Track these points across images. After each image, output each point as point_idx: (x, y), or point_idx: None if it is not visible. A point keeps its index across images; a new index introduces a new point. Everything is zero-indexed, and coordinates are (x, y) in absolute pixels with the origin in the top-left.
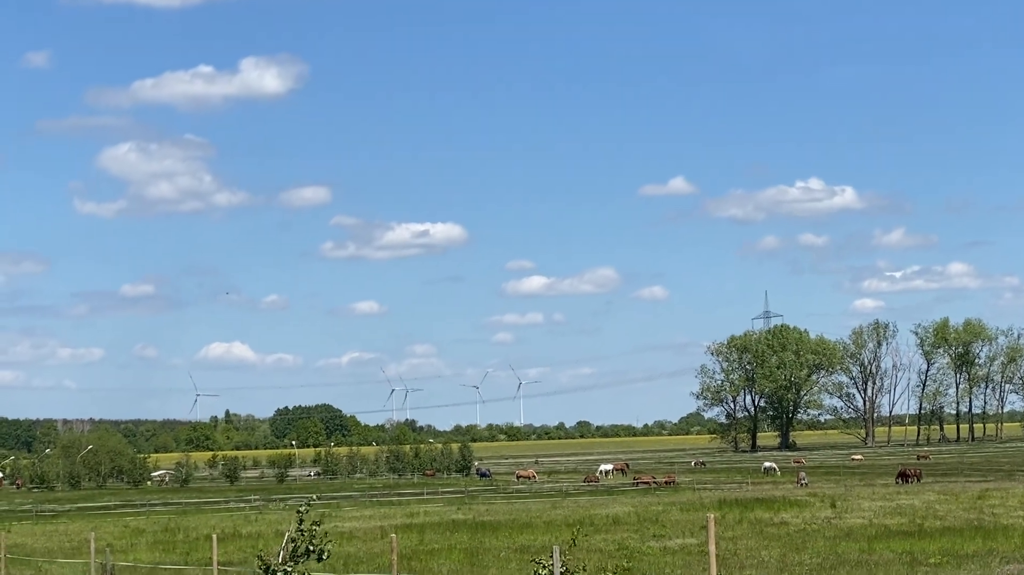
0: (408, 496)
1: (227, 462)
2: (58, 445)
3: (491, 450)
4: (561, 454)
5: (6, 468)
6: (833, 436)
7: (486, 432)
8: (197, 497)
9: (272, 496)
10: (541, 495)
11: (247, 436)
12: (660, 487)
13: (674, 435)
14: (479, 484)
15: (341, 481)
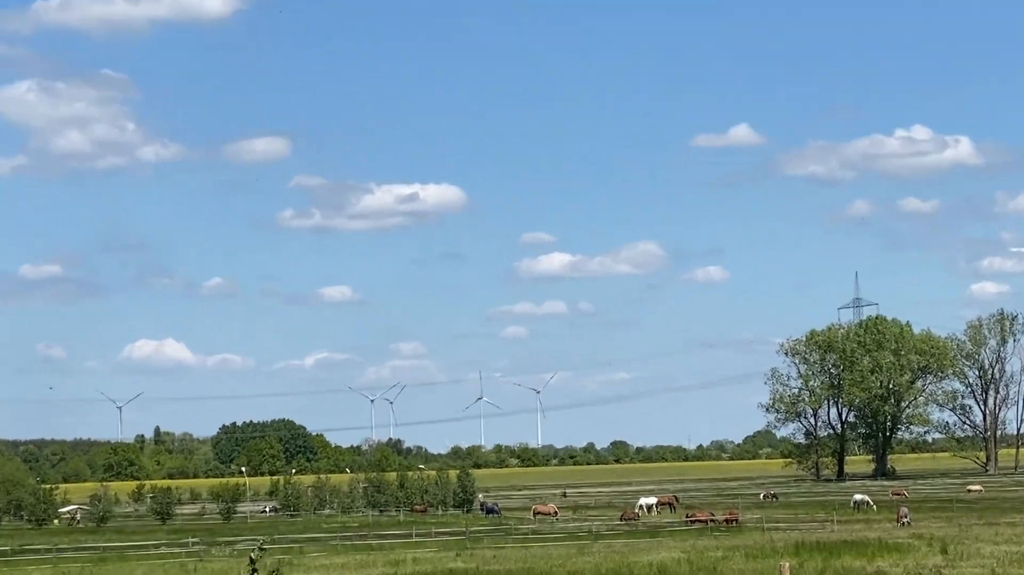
0: (393, 538)
1: (158, 494)
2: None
3: (500, 479)
4: (590, 484)
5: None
6: (944, 461)
7: (493, 456)
8: (119, 540)
9: (216, 539)
10: (565, 537)
11: (183, 461)
12: (719, 527)
13: (737, 460)
14: (484, 523)
15: (305, 519)
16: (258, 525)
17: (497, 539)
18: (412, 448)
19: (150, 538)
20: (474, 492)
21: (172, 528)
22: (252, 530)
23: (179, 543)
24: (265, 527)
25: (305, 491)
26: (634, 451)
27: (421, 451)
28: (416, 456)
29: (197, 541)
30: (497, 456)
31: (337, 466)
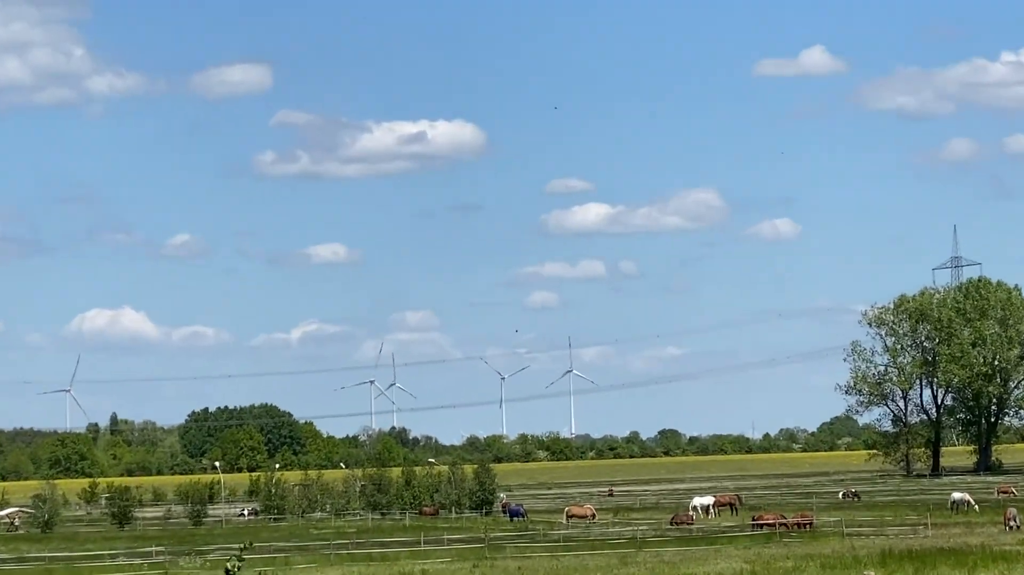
0: (397, 547)
1: (114, 494)
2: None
3: (525, 475)
4: (634, 482)
5: None
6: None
7: (517, 447)
8: (68, 549)
9: (183, 548)
10: (604, 544)
11: (145, 455)
12: (790, 531)
13: (811, 452)
14: (508, 528)
15: (292, 524)
16: (235, 531)
17: (522, 547)
18: (420, 439)
19: (105, 547)
20: (495, 491)
21: (132, 535)
22: (228, 537)
23: (140, 553)
24: (244, 533)
25: (291, 490)
26: (687, 441)
27: (431, 442)
28: (425, 448)
29: (162, 550)
30: (522, 448)
31: (330, 460)
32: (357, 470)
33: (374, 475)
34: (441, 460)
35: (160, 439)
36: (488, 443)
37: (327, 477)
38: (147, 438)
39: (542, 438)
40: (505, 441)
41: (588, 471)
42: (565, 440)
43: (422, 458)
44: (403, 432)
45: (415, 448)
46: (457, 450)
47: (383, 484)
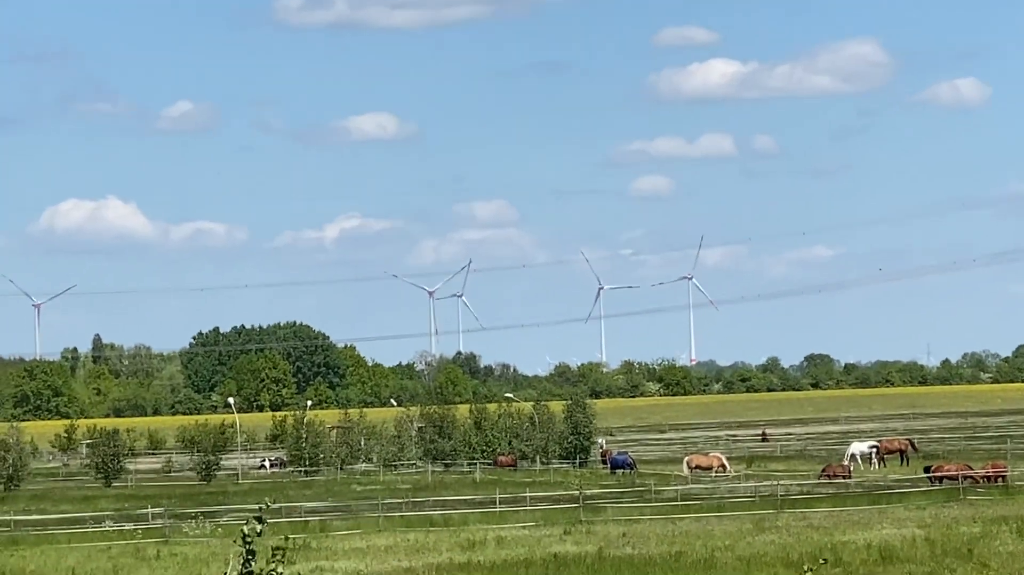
0: (464, 507)
1: (99, 440)
2: None
3: (632, 414)
4: (773, 422)
5: None
6: None
7: (621, 378)
8: (38, 510)
9: (190, 509)
10: (735, 504)
11: (137, 389)
12: (977, 486)
13: (1004, 383)
14: (610, 483)
15: (328, 478)
16: (254, 488)
17: (627, 508)
18: (494, 368)
19: (88, 508)
20: (592, 435)
21: (122, 492)
22: (245, 495)
23: (133, 516)
24: (265, 490)
25: (327, 434)
26: (841, 370)
27: (508, 372)
28: (501, 380)
29: (161, 512)
30: (627, 379)
31: (377, 396)
32: (412, 408)
33: (434, 415)
34: (521, 395)
35: (157, 369)
36: (583, 373)
37: (373, 417)
38: (140, 367)
39: (652, 366)
40: (605, 370)
41: (712, 409)
42: (682, 369)
43: (497, 393)
44: (472, 359)
45: (487, 380)
46: (542, 382)
47: (446, 426)
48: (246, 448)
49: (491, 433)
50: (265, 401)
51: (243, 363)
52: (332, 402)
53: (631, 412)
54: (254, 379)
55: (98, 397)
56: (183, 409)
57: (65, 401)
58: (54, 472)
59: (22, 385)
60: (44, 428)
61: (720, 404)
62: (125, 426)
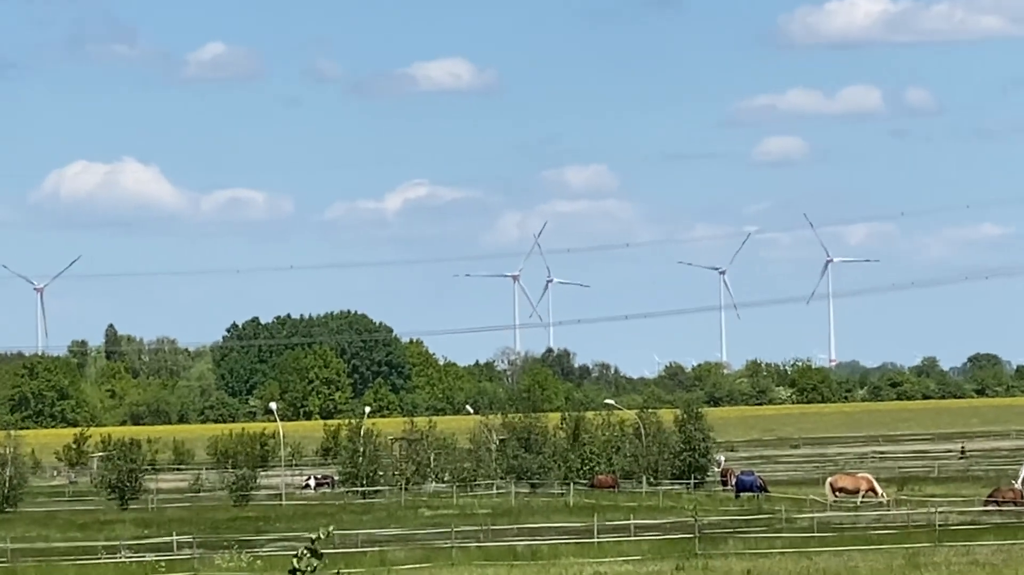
0: (556, 536)
1: (113, 452)
2: None
3: (758, 424)
4: (928, 436)
5: None
6: None
7: (745, 382)
8: (40, 538)
9: (223, 537)
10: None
11: (160, 391)
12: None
13: None
14: (733, 508)
15: (390, 500)
16: (301, 511)
17: (754, 539)
18: (591, 367)
19: (100, 534)
20: (710, 450)
21: (140, 516)
22: (290, 520)
23: (153, 544)
24: (314, 515)
25: (390, 447)
26: (1012, 374)
27: (608, 373)
28: (599, 383)
29: (188, 541)
30: (753, 383)
31: (450, 401)
32: (493, 416)
33: (519, 424)
34: (624, 401)
35: (184, 367)
36: (699, 375)
37: (445, 427)
38: (163, 365)
39: (784, 367)
40: (726, 372)
41: (856, 420)
42: (820, 371)
43: (594, 399)
44: (564, 357)
45: (583, 382)
46: (650, 385)
47: (533, 439)
48: (290, 463)
49: (588, 447)
50: (314, 407)
51: (287, 361)
52: (395, 409)
53: (757, 423)
54: (301, 380)
55: (112, 401)
56: (215, 416)
57: (73, 405)
58: (59, 491)
59: (21, 385)
60: (47, 438)
61: (865, 414)
62: (145, 436)
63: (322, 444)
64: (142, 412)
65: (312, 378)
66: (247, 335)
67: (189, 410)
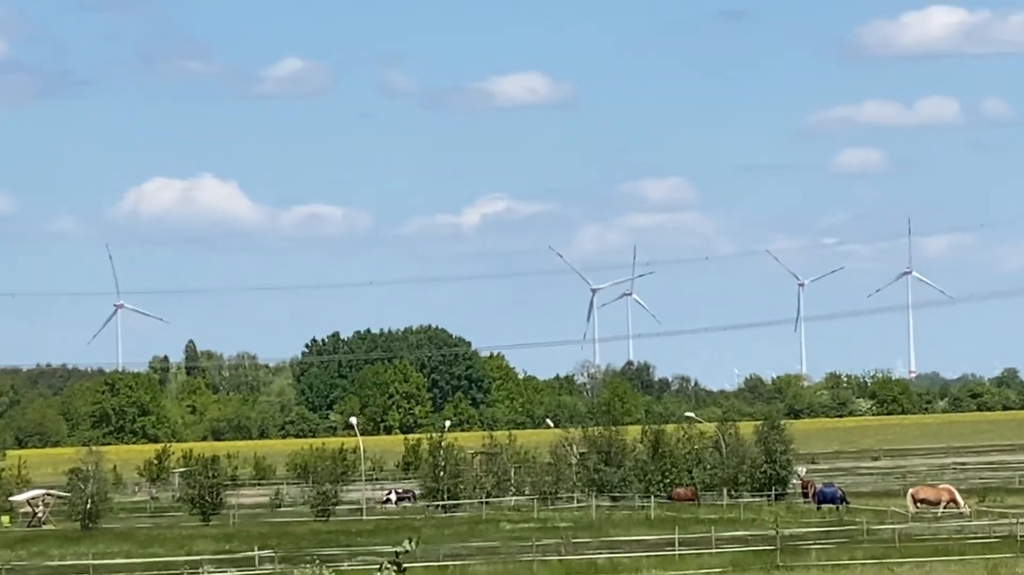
0: (637, 550)
1: (194, 468)
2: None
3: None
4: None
5: None
6: None
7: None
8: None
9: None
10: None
11: (240, 407)
12: None
13: None
14: (814, 519)
15: (471, 515)
16: (381, 526)
17: (835, 551)
18: (671, 381)
19: (181, 550)
20: (790, 463)
21: (221, 531)
22: (371, 535)
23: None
24: (395, 529)
25: (470, 462)
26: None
27: (687, 386)
28: (679, 396)
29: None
30: (833, 395)
31: (529, 414)
32: (572, 430)
33: (599, 438)
34: (704, 414)
35: (264, 383)
36: (778, 387)
37: (525, 441)
38: (243, 381)
39: (863, 379)
40: (806, 384)
41: (936, 431)
42: (900, 382)
43: (674, 411)
44: (644, 370)
45: (663, 395)
46: (729, 398)
47: (613, 452)
48: (371, 478)
49: (668, 460)
50: (394, 421)
51: (367, 375)
52: (475, 422)
53: (837, 435)
54: (381, 395)
55: (193, 416)
56: (295, 431)
57: (153, 421)
58: (141, 507)
59: (102, 402)
60: (129, 453)
61: (945, 425)
62: (225, 451)
63: (402, 458)
64: (222, 428)
65: (392, 392)
66: (327, 350)
67: (269, 425)
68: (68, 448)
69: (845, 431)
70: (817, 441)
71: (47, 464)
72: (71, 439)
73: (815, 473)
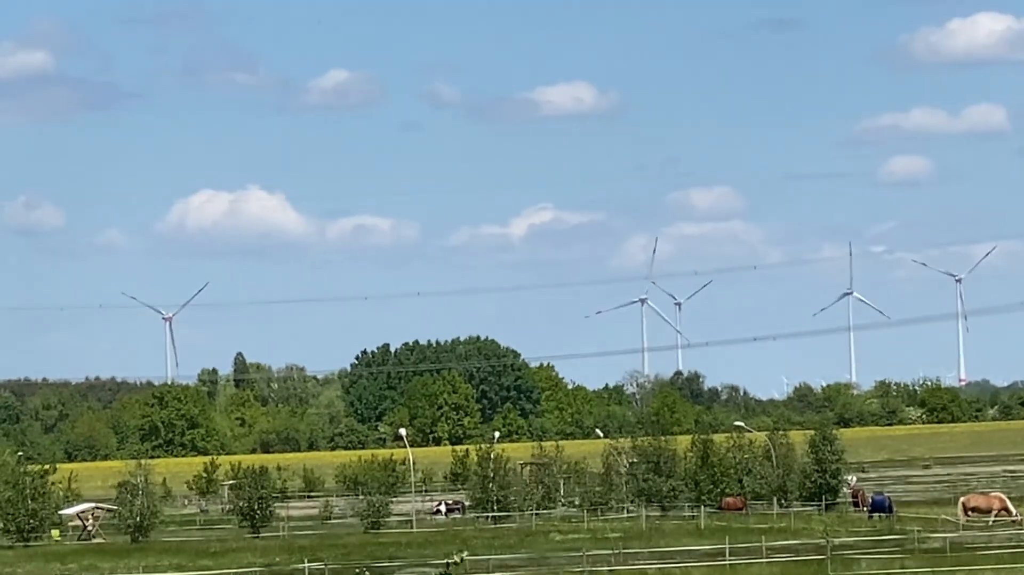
0: (688, 559)
1: (244, 480)
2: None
3: (889, 445)
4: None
5: None
6: None
7: (875, 403)
8: (172, 566)
9: (353, 564)
10: (1015, 554)
11: (289, 419)
12: None
13: None
14: (863, 528)
15: (521, 524)
16: (431, 538)
17: (886, 559)
18: (720, 390)
19: (231, 563)
20: (840, 472)
21: (271, 544)
22: (421, 547)
23: (285, 572)
24: (444, 541)
25: (519, 472)
26: None
27: (737, 396)
28: (728, 406)
29: (320, 568)
30: (883, 404)
31: (579, 425)
32: (623, 440)
33: (649, 447)
34: (753, 423)
35: (313, 394)
36: (828, 396)
37: (575, 451)
38: (292, 393)
39: (914, 387)
40: (856, 393)
41: (987, 439)
42: (950, 390)
43: (724, 421)
44: (694, 380)
45: (712, 405)
46: (779, 407)
47: (663, 462)
48: (421, 489)
49: (718, 469)
50: (443, 432)
51: (416, 387)
52: (524, 433)
53: (888, 443)
54: (430, 406)
55: (242, 429)
56: (344, 443)
57: (203, 434)
58: (191, 519)
59: (151, 415)
60: (178, 466)
61: (996, 433)
62: (275, 463)
63: (451, 469)
64: (271, 440)
65: (441, 404)
66: (375, 362)
67: (318, 437)
68: (117, 461)
69: (895, 440)
70: (867, 450)
71: (96, 478)
72: (120, 452)
73: (865, 481)
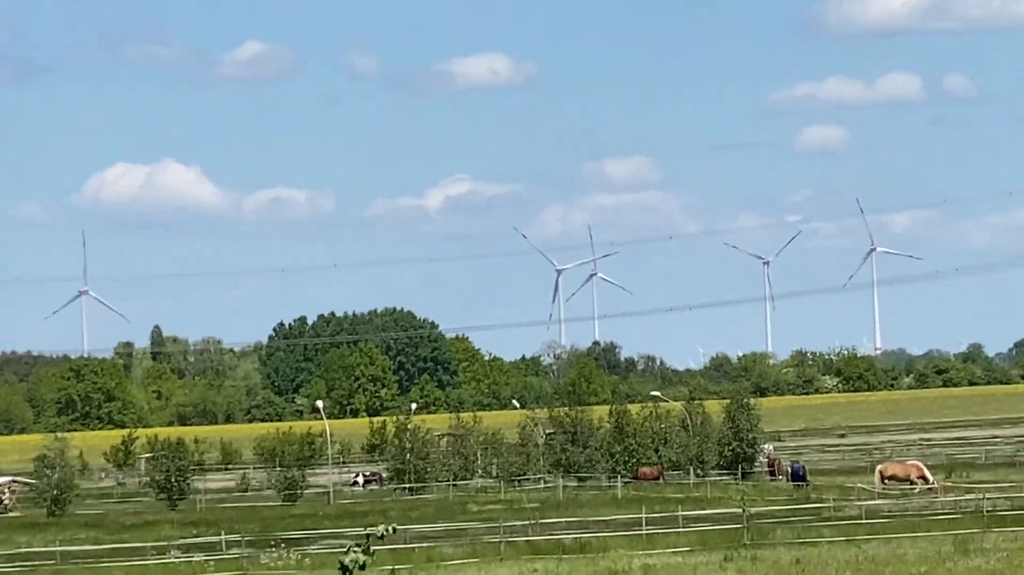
0: (604, 530)
1: (161, 453)
2: None
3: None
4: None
5: None
6: None
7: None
8: (89, 539)
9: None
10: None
11: (206, 392)
12: None
13: None
14: (779, 498)
15: (438, 497)
16: (349, 509)
17: (802, 529)
18: (637, 360)
19: (148, 536)
20: (756, 441)
21: (188, 517)
22: (338, 519)
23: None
24: (362, 512)
25: (437, 443)
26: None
27: (653, 366)
28: (645, 376)
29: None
30: (798, 373)
31: (495, 396)
32: (539, 411)
33: (566, 418)
34: (670, 393)
35: (230, 367)
36: (744, 366)
37: (491, 422)
38: (209, 366)
39: (829, 357)
40: (771, 362)
41: (902, 407)
42: (865, 359)
43: (640, 391)
44: (610, 350)
45: (629, 375)
46: (696, 377)
47: (580, 432)
48: (338, 461)
49: (634, 440)
50: (360, 404)
51: (333, 359)
52: (442, 404)
53: (804, 412)
54: (347, 378)
55: (159, 402)
56: (261, 415)
57: (119, 407)
58: (107, 492)
59: (67, 388)
60: (95, 439)
61: (911, 401)
62: (192, 436)
63: (369, 441)
64: (188, 413)
65: (358, 376)
66: (292, 334)
67: (235, 410)
68: (34, 435)
69: (811, 408)
70: (783, 419)
71: (13, 451)
72: (37, 426)
73: (782, 450)
